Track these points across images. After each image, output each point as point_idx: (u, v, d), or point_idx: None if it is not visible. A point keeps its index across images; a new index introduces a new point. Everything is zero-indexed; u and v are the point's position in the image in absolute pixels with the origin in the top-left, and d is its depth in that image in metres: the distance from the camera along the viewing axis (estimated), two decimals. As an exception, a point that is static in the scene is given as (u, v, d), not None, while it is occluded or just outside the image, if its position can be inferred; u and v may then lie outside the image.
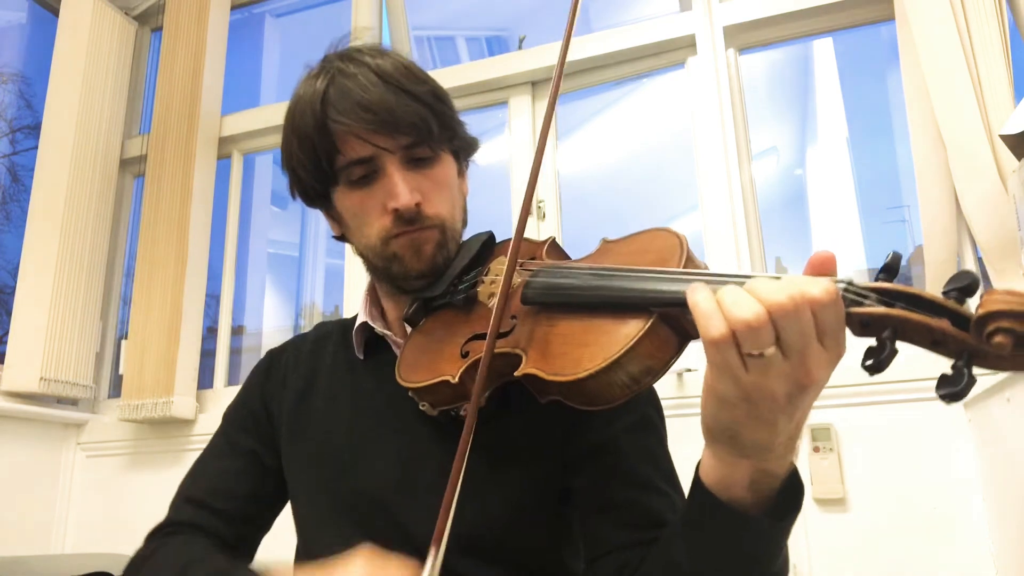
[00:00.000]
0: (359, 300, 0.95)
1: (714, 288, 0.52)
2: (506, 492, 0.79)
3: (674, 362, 0.61)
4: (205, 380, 2.53)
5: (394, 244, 0.83)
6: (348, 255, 2.41)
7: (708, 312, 0.50)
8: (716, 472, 0.58)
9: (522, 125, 2.38)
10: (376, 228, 0.83)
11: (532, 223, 2.25)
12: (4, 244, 4.20)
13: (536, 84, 2.40)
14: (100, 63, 2.64)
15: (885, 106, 2.50)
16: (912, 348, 0.49)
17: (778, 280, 0.50)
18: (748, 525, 0.57)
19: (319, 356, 0.96)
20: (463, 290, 0.81)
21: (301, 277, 3.52)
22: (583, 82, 2.35)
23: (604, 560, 0.75)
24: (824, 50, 3.41)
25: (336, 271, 3.07)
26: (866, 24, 2.09)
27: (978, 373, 0.47)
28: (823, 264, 0.51)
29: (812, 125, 3.81)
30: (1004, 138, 1.51)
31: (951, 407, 1.59)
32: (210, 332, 2.72)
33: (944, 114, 1.68)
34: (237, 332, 2.79)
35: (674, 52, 2.25)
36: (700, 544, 0.60)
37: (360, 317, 0.92)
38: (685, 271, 0.61)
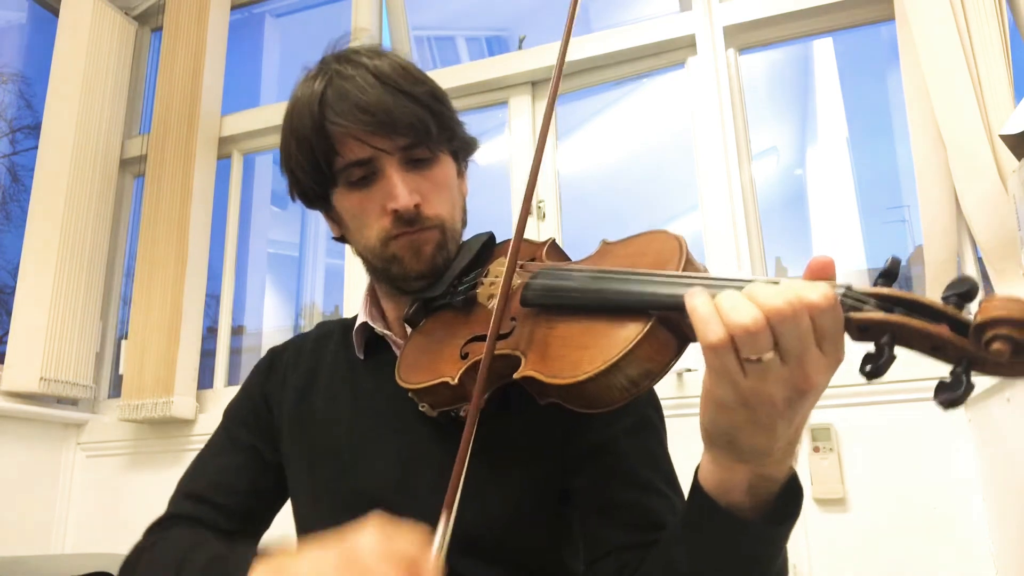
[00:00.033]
0: (359, 300, 0.95)
1: (713, 292, 0.52)
2: (506, 492, 0.79)
3: (673, 365, 0.61)
4: (205, 380, 2.53)
5: (394, 245, 0.83)
6: (348, 255, 2.41)
7: (706, 317, 0.50)
8: (714, 476, 0.58)
9: (522, 125, 2.38)
10: (375, 229, 0.83)
11: (532, 223, 2.25)
12: (4, 244, 4.20)
13: (536, 84, 2.40)
14: (100, 63, 2.64)
15: (885, 106, 2.50)
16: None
17: (777, 285, 0.50)
18: (746, 529, 0.57)
19: (320, 355, 0.96)
20: (462, 291, 0.81)
21: (301, 277, 3.52)
22: (583, 82, 2.36)
23: (604, 562, 0.75)
24: (824, 50, 3.41)
25: (336, 271, 3.08)
26: (866, 24, 2.09)
27: (977, 378, 0.47)
28: (822, 269, 0.51)
29: (812, 125, 3.81)
30: (1004, 138, 1.51)
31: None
32: (210, 332, 2.72)
33: (944, 114, 1.68)
34: (237, 332, 2.79)
35: (674, 52, 2.25)
36: (699, 547, 0.60)
37: (360, 317, 0.92)
38: (684, 274, 0.61)
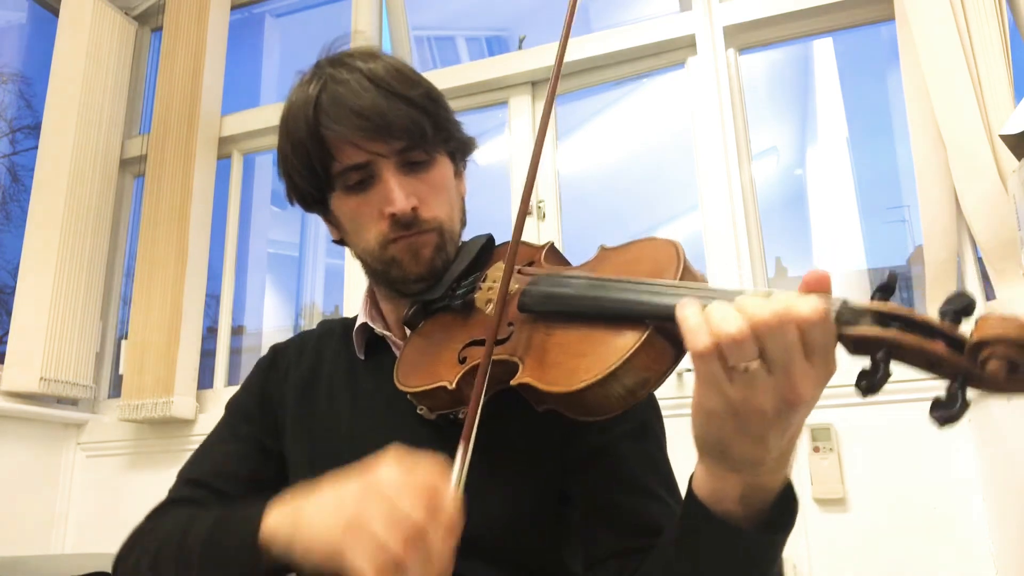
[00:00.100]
0: (359, 300, 0.95)
1: (705, 302, 0.53)
2: (506, 493, 0.79)
3: (670, 373, 0.61)
4: (205, 380, 2.53)
5: (392, 248, 0.83)
6: (348, 255, 2.41)
7: (694, 326, 0.51)
8: (707, 485, 0.58)
9: (522, 125, 2.38)
10: (373, 233, 0.83)
11: (532, 223, 2.25)
12: (4, 244, 4.20)
13: (536, 84, 2.40)
14: (100, 63, 2.64)
15: (885, 106, 2.50)
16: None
17: (769, 297, 0.50)
18: (739, 538, 0.57)
19: (321, 354, 0.96)
20: (460, 295, 0.81)
21: (301, 277, 3.52)
22: (583, 82, 2.36)
23: (603, 566, 0.75)
24: (824, 50, 3.41)
25: (336, 271, 3.07)
26: (866, 24, 2.09)
27: (972, 393, 0.47)
28: (816, 283, 0.52)
29: (812, 125, 3.81)
30: (1004, 138, 1.51)
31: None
32: (210, 332, 2.72)
33: (944, 114, 1.68)
34: (237, 332, 2.79)
35: (674, 52, 2.25)
36: (693, 555, 0.61)
37: (360, 318, 0.92)
38: (681, 283, 0.61)
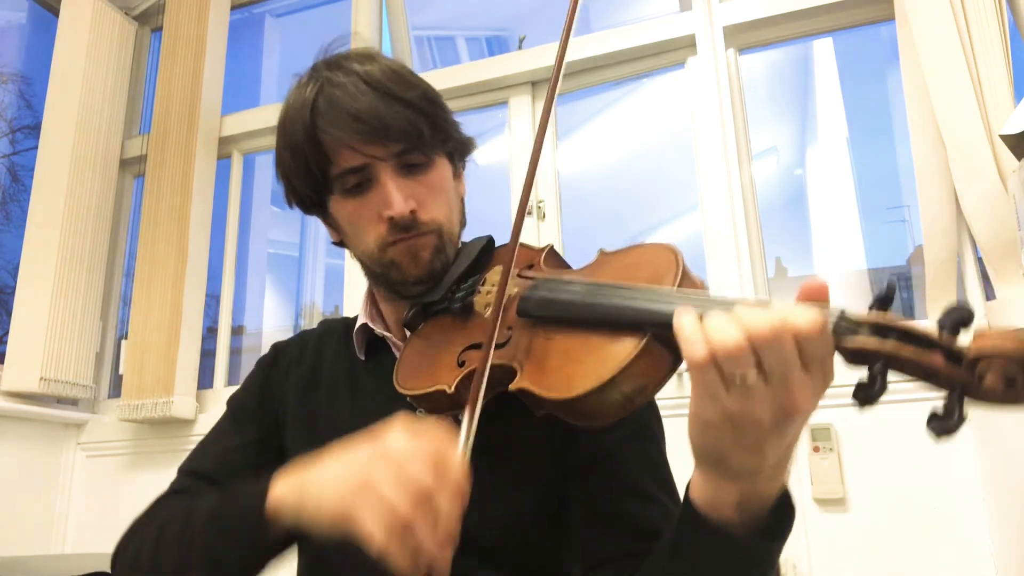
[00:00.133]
0: (359, 300, 0.95)
1: (702, 311, 0.53)
2: (506, 495, 0.79)
3: (668, 380, 0.61)
4: (205, 380, 2.53)
5: (391, 251, 0.83)
6: (348, 255, 2.41)
7: (691, 337, 0.51)
8: (705, 492, 0.58)
9: (522, 125, 2.38)
10: (372, 236, 0.83)
11: (532, 223, 2.25)
12: (4, 244, 4.20)
13: (536, 84, 2.40)
14: (100, 63, 2.64)
15: (885, 106, 2.50)
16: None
17: (767, 307, 0.50)
18: (736, 546, 0.57)
19: (322, 353, 0.96)
20: (460, 298, 0.81)
21: (301, 277, 3.52)
22: (583, 82, 2.36)
23: (601, 570, 0.75)
24: (824, 50, 3.41)
25: (336, 271, 3.07)
26: (866, 24, 2.09)
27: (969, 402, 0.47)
28: (814, 293, 0.51)
29: (812, 125, 3.81)
30: (1004, 138, 1.51)
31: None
32: (210, 332, 2.72)
33: (944, 114, 1.68)
34: (237, 332, 2.79)
35: (674, 52, 2.25)
36: (690, 561, 0.61)
37: (360, 318, 0.92)
38: (679, 291, 0.61)
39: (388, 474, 0.57)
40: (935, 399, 0.48)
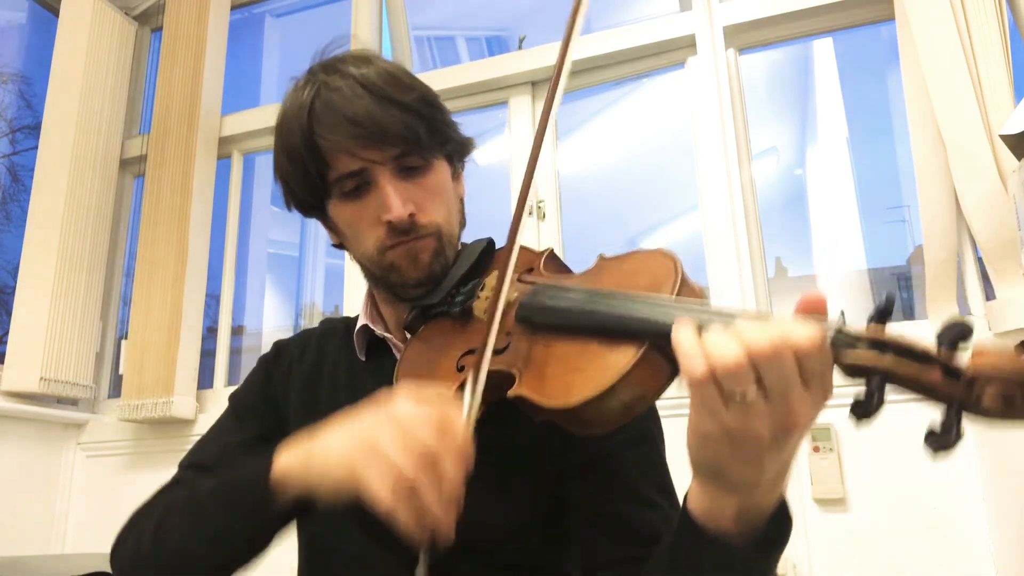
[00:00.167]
0: (359, 300, 0.95)
1: (701, 323, 0.53)
2: (505, 497, 0.79)
3: (667, 388, 0.61)
4: (205, 380, 2.53)
5: (390, 254, 0.83)
6: (348, 256, 2.41)
7: (689, 352, 0.51)
8: (703, 503, 0.58)
9: (522, 125, 2.38)
10: (371, 239, 0.83)
11: (532, 223, 2.25)
12: (4, 244, 4.20)
13: (536, 84, 2.40)
14: (100, 63, 2.64)
15: (885, 106, 2.50)
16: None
17: (766, 321, 0.50)
18: (734, 556, 0.57)
19: (324, 351, 0.96)
20: (459, 303, 0.81)
21: (301, 277, 3.52)
22: (583, 82, 2.35)
23: (600, 574, 0.75)
24: (824, 50, 3.41)
25: (336, 271, 3.08)
26: (866, 24, 2.08)
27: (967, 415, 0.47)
28: (813, 306, 0.51)
29: (812, 125, 3.82)
30: (1004, 138, 1.51)
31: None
32: (210, 332, 2.72)
33: (944, 114, 1.68)
34: (237, 332, 2.79)
35: (674, 52, 2.25)
36: (688, 570, 0.61)
37: (361, 319, 0.92)
38: (679, 300, 0.61)
39: (394, 437, 0.59)
40: (924, 444, 0.47)
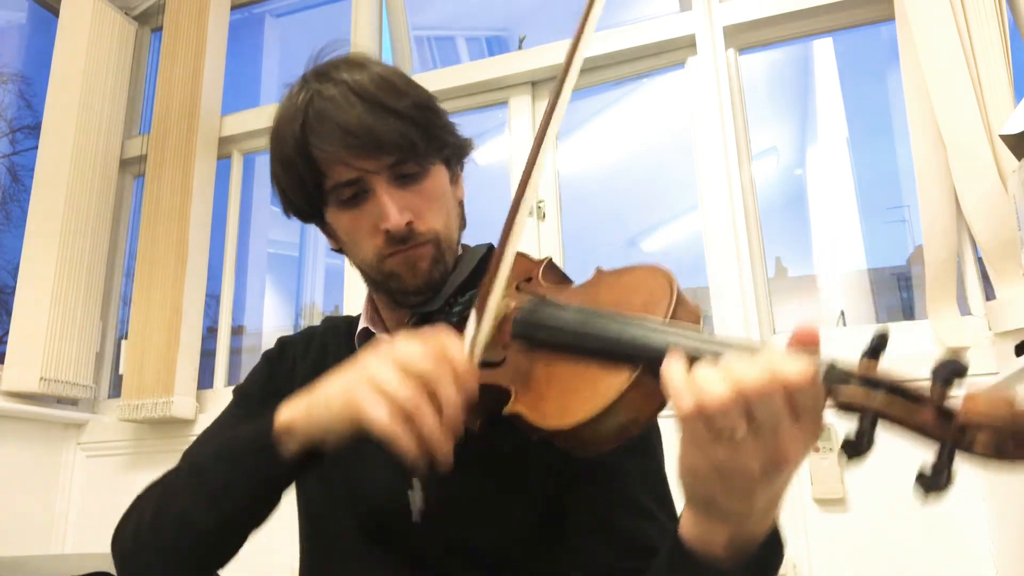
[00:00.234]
0: (359, 300, 0.95)
1: (693, 355, 0.52)
2: (504, 502, 0.79)
3: (662, 410, 0.60)
4: (205, 380, 2.53)
5: (389, 262, 0.82)
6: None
7: (678, 387, 0.50)
8: (694, 531, 0.57)
9: (522, 125, 2.38)
10: (370, 248, 0.82)
11: (532, 223, 2.25)
12: (4, 244, 4.21)
13: (536, 84, 2.40)
14: (100, 63, 2.64)
15: (885, 106, 2.50)
16: (912, 344, 0.49)
17: (756, 355, 0.49)
18: None
19: (326, 349, 0.96)
20: (456, 313, 0.81)
21: (301, 277, 3.52)
22: (583, 82, 2.35)
23: None
24: (824, 50, 3.42)
25: (336, 271, 3.08)
26: (866, 24, 2.08)
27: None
28: (806, 340, 0.50)
29: (812, 125, 3.82)
30: (1004, 138, 1.51)
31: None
32: (210, 332, 2.72)
33: (944, 114, 1.68)
34: (237, 332, 2.80)
35: (674, 52, 2.25)
36: None
37: (362, 322, 0.92)
38: (673, 324, 0.60)
39: (391, 367, 0.62)
40: (915, 484, 0.47)
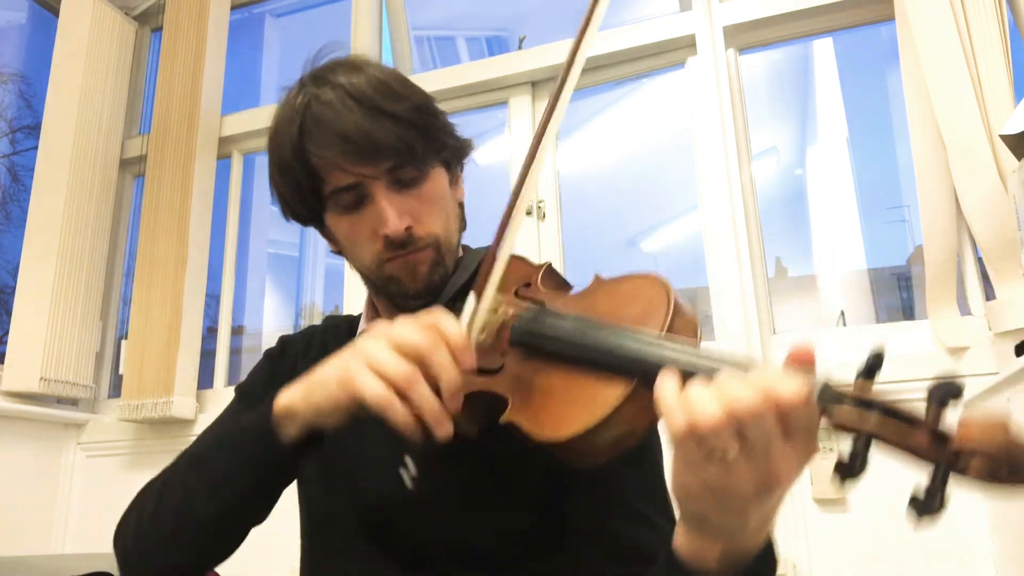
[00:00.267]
0: (359, 300, 0.95)
1: (687, 371, 0.52)
2: (504, 504, 0.78)
3: (657, 423, 0.59)
4: (205, 380, 2.53)
5: (389, 267, 0.82)
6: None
7: (670, 407, 0.50)
8: (687, 546, 0.57)
9: (522, 125, 2.38)
10: (369, 252, 0.82)
11: (532, 223, 2.25)
12: (4, 244, 4.20)
13: (536, 84, 2.40)
14: (100, 63, 2.64)
15: (885, 106, 2.50)
16: (912, 344, 0.49)
17: (753, 372, 0.49)
18: None
19: (327, 347, 0.96)
20: (457, 313, 0.81)
21: (301, 277, 3.52)
22: (583, 82, 2.35)
23: None
24: (824, 50, 3.42)
25: (336, 271, 3.08)
26: (866, 24, 2.09)
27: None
28: (802, 360, 0.50)
29: (812, 125, 3.82)
30: (1004, 138, 1.51)
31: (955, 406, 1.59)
32: (210, 332, 2.72)
33: (944, 114, 1.68)
34: (237, 332, 2.80)
35: (674, 52, 2.25)
36: None
37: (362, 324, 0.92)
38: (670, 336, 0.60)
39: (385, 343, 0.63)
40: (908, 508, 0.47)
